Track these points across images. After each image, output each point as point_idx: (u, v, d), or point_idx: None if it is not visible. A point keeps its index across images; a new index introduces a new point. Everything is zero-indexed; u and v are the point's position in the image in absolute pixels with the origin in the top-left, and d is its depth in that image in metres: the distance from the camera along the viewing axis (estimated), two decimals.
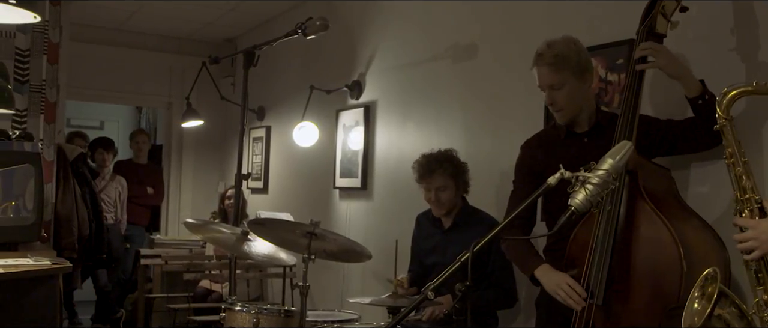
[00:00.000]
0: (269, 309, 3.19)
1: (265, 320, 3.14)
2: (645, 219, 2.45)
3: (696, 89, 2.54)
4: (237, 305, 3.22)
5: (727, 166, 1.96)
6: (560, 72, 2.67)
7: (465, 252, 1.85)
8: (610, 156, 1.83)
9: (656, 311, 2.38)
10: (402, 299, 3.06)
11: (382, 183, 4.80)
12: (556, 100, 2.71)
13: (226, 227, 3.73)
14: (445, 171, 3.48)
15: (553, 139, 2.87)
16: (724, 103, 1.97)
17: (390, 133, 4.75)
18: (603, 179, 1.79)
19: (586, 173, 1.80)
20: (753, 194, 1.89)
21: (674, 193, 2.63)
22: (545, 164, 2.85)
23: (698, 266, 2.33)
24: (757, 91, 1.92)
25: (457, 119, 4.16)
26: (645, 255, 2.44)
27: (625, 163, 1.83)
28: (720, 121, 1.97)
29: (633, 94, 2.59)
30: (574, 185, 1.82)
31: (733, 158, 1.93)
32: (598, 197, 1.79)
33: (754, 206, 1.88)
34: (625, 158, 1.83)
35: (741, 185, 1.91)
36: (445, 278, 3.55)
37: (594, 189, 1.79)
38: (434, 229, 3.61)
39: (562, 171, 1.82)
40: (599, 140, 2.72)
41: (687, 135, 2.62)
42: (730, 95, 1.97)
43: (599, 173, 1.79)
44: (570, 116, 2.75)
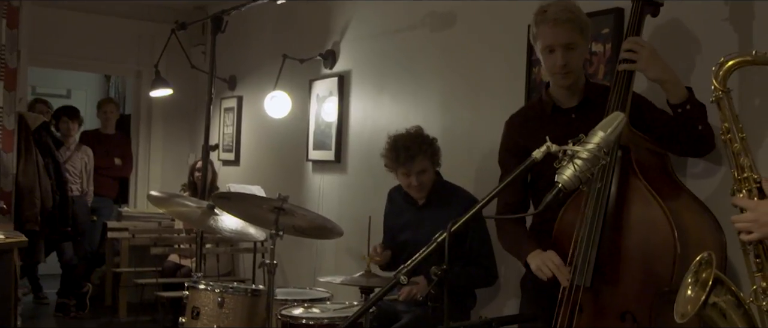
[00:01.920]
0: (235, 288, 3.04)
1: (230, 300, 2.99)
2: (637, 198, 2.32)
3: (680, 96, 2.38)
4: (201, 283, 3.05)
5: (724, 142, 1.82)
6: (575, 30, 2.51)
7: (442, 232, 1.69)
8: (601, 128, 1.69)
9: (647, 295, 2.26)
10: (375, 278, 2.92)
11: (357, 156, 4.65)
12: (569, 61, 2.52)
13: (191, 201, 3.55)
14: (425, 154, 3.31)
15: (538, 115, 2.72)
16: (720, 74, 1.83)
17: (365, 105, 4.59)
18: (593, 154, 1.64)
19: (574, 146, 1.65)
20: (751, 173, 1.76)
21: (668, 170, 2.50)
22: (531, 142, 2.68)
23: (693, 249, 2.22)
24: (757, 62, 1.78)
25: (435, 92, 4.01)
26: (637, 236, 2.32)
27: (618, 136, 1.68)
28: (716, 93, 1.83)
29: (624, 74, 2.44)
30: (562, 159, 1.68)
31: (730, 134, 1.79)
32: (587, 173, 1.65)
33: (752, 185, 1.75)
34: (618, 131, 1.69)
35: (739, 163, 1.78)
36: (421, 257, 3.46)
37: (583, 164, 1.65)
38: (407, 205, 3.46)
39: (548, 144, 1.67)
40: (588, 116, 2.56)
41: (672, 137, 2.47)
42: (727, 66, 1.83)
43: (589, 146, 1.65)
44: (574, 80, 2.59)
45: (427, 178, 3.33)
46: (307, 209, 3.01)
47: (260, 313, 3.02)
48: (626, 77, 2.44)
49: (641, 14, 2.51)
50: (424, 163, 3.29)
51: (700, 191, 2.52)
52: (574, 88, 2.62)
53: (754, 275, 1.70)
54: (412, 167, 3.26)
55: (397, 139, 3.32)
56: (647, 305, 2.26)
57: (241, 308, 3.00)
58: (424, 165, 3.29)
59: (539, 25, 2.53)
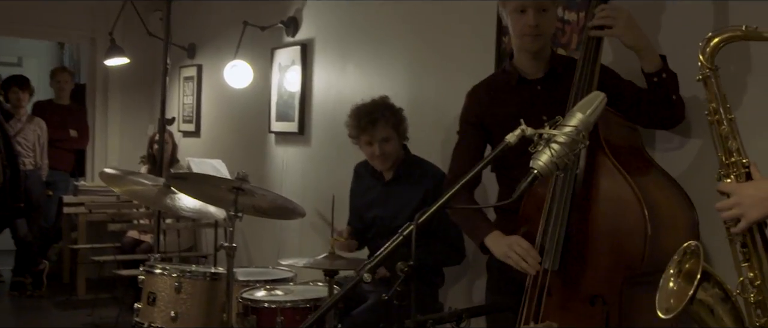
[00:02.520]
0: (193, 272, 2.88)
1: (188, 285, 2.84)
2: (606, 175, 2.22)
3: (655, 64, 2.28)
4: (157, 267, 2.90)
5: (710, 124, 1.70)
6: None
7: (408, 224, 1.55)
8: (579, 109, 1.56)
9: (617, 278, 2.17)
10: (339, 260, 2.78)
11: (321, 128, 4.49)
12: (541, 23, 2.40)
13: (147, 178, 3.37)
14: (388, 121, 3.18)
15: (502, 86, 2.59)
16: (707, 51, 1.70)
17: (329, 75, 4.42)
18: (571, 138, 1.51)
19: (551, 130, 1.52)
20: (740, 157, 1.65)
21: (639, 147, 2.41)
22: (493, 114, 2.59)
23: (664, 229, 2.16)
24: (747, 37, 1.66)
25: (401, 61, 3.85)
26: (605, 215, 2.21)
27: (598, 117, 1.55)
28: (703, 71, 1.71)
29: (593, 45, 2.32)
30: (537, 144, 1.55)
31: (717, 115, 1.67)
32: (565, 159, 1.52)
33: (740, 170, 1.64)
34: (598, 112, 1.56)
35: (726, 147, 1.66)
36: (386, 233, 3.33)
37: (560, 149, 1.52)
38: (374, 181, 3.33)
39: (523, 128, 1.55)
40: (554, 88, 2.47)
41: (642, 109, 2.36)
42: (714, 41, 1.70)
43: (566, 129, 1.52)
44: (544, 43, 2.48)
45: (392, 147, 3.19)
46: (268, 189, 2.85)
47: (220, 297, 2.88)
48: (595, 46, 2.32)
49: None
50: (387, 130, 3.15)
51: (673, 166, 2.43)
52: (540, 58, 2.50)
53: (740, 265, 1.60)
54: (375, 133, 3.13)
55: (360, 107, 3.20)
56: (617, 289, 2.17)
57: (199, 292, 2.86)
58: (388, 132, 3.16)
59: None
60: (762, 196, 1.54)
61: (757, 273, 1.59)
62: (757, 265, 1.59)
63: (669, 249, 2.17)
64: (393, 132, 3.17)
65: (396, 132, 3.19)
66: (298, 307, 2.88)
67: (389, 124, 3.15)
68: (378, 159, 3.19)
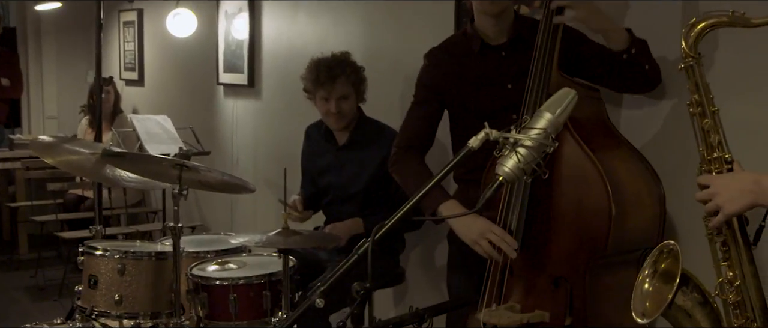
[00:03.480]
0: (137, 253, 2.72)
1: (132, 266, 2.68)
2: (568, 152, 2.11)
3: (623, 41, 2.16)
4: (98, 248, 2.72)
5: (691, 116, 1.58)
6: None
7: (364, 241, 1.42)
8: (547, 108, 1.42)
9: (580, 260, 2.09)
10: (294, 236, 2.63)
11: (272, 81, 4.27)
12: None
13: (83, 146, 3.14)
14: (349, 78, 3.01)
15: (464, 51, 2.44)
16: (691, 37, 1.57)
17: (279, 24, 4.18)
18: (538, 141, 1.38)
19: (517, 133, 1.38)
20: (722, 153, 1.54)
21: (603, 119, 2.29)
22: (454, 83, 2.44)
23: (629, 208, 2.08)
24: (734, 24, 1.52)
25: (356, 10, 3.64)
26: (568, 195, 2.12)
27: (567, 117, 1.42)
28: (686, 60, 1.58)
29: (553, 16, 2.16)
30: (503, 146, 1.41)
31: (700, 107, 1.55)
32: (532, 164, 1.39)
33: (723, 167, 1.53)
34: (568, 112, 1.43)
35: (708, 141, 1.55)
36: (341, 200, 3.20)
37: (528, 154, 1.39)
38: (327, 145, 3.17)
39: (487, 131, 1.41)
40: (519, 54, 2.32)
41: (614, 79, 2.24)
42: (698, 28, 1.57)
43: (534, 132, 1.39)
44: (503, 6, 2.32)
45: (349, 107, 3.03)
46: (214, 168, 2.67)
47: (167, 276, 2.73)
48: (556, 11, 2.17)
49: None
50: (347, 88, 3.00)
51: (640, 132, 2.34)
52: (502, 21, 2.35)
53: (720, 264, 1.51)
54: (333, 89, 2.96)
55: (320, 60, 3.02)
56: (581, 270, 2.09)
57: (144, 273, 2.70)
58: (346, 90, 3.00)
59: None
60: (740, 187, 1.45)
61: (737, 273, 1.51)
62: (737, 264, 1.51)
63: (635, 229, 2.14)
64: (352, 90, 3.02)
65: (355, 91, 3.03)
66: (252, 283, 2.75)
67: (349, 81, 3.00)
68: (333, 117, 3.03)
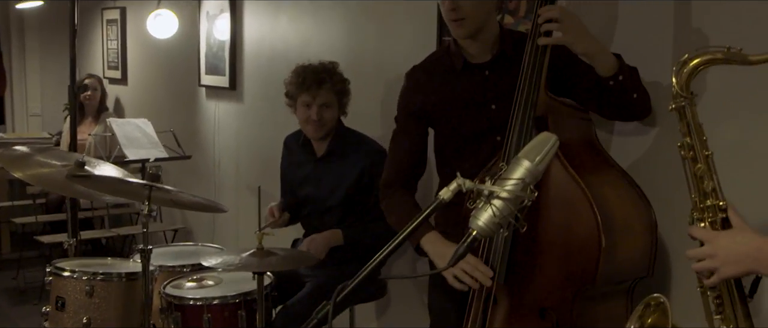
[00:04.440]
0: (106, 274, 2.61)
1: (101, 288, 2.57)
2: (556, 178, 2.00)
3: (612, 67, 2.03)
4: (66, 269, 2.62)
5: (683, 160, 1.47)
6: None
7: (325, 303, 1.32)
8: (526, 156, 1.32)
9: (567, 291, 1.99)
10: (269, 257, 2.54)
11: (254, 84, 4.16)
12: (461, 6, 2.13)
13: (55, 158, 3.03)
14: (334, 86, 2.92)
15: (446, 70, 2.32)
16: (683, 75, 1.45)
17: (261, 27, 4.06)
18: (515, 193, 1.28)
19: (492, 185, 1.28)
20: (716, 200, 1.43)
21: (592, 141, 2.18)
22: (436, 103, 2.33)
23: (620, 238, 1.97)
24: (730, 61, 1.41)
25: (338, 12, 3.53)
26: (555, 222, 2.01)
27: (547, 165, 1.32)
28: (677, 100, 1.46)
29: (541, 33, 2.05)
30: (477, 198, 1.31)
31: (692, 151, 1.44)
32: (509, 218, 1.29)
33: (716, 215, 1.42)
34: (549, 159, 1.32)
35: (701, 188, 1.44)
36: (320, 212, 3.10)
37: (503, 207, 1.29)
38: (306, 155, 3.06)
39: (459, 182, 1.30)
40: (504, 72, 2.21)
41: (601, 106, 2.12)
42: (691, 65, 1.44)
43: (510, 185, 1.28)
44: (472, 30, 2.18)
45: (330, 116, 2.93)
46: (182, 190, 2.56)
47: (139, 297, 2.63)
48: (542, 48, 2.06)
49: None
50: (330, 96, 2.90)
51: (629, 152, 2.25)
52: (483, 39, 2.22)
53: (712, 317, 1.42)
54: (318, 94, 2.87)
55: (306, 65, 2.94)
56: (569, 302, 1.99)
57: (114, 295, 2.60)
58: (330, 99, 2.91)
59: None
60: (740, 251, 1.35)
61: (731, 327, 1.41)
62: (731, 317, 1.41)
63: (626, 259, 2.03)
64: (335, 100, 2.93)
65: (338, 102, 2.94)
66: (227, 303, 2.65)
67: (334, 89, 2.91)
68: (313, 125, 2.93)
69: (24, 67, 6.22)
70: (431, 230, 2.22)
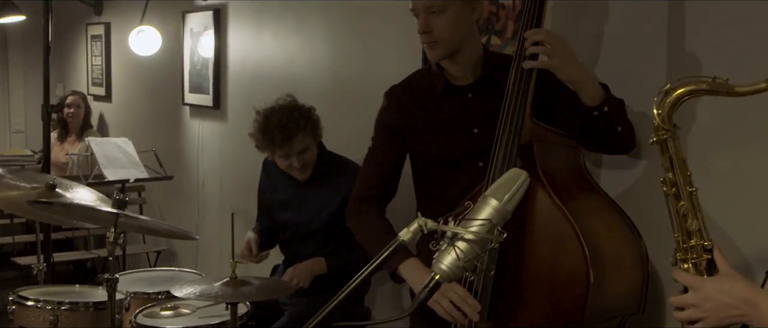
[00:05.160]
0: (72, 304, 2.51)
1: (66, 318, 2.47)
2: (542, 210, 1.91)
3: (597, 97, 1.94)
4: (29, 298, 2.51)
5: (666, 196, 1.38)
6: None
7: None
8: (494, 194, 1.21)
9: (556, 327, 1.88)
10: (243, 287, 2.43)
11: (238, 102, 4.07)
12: (433, 28, 2.04)
13: (25, 180, 2.93)
14: (306, 130, 2.79)
15: (427, 91, 2.23)
16: (665, 107, 1.35)
17: (245, 45, 3.98)
18: (481, 235, 1.18)
19: (455, 226, 1.18)
20: (700, 240, 1.33)
21: (580, 170, 2.09)
22: (416, 126, 2.23)
23: (609, 273, 1.88)
24: (715, 92, 1.31)
25: (322, 32, 3.44)
26: (541, 256, 1.91)
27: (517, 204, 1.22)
28: (658, 133, 1.37)
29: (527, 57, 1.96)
30: (440, 241, 1.21)
31: (675, 188, 1.34)
32: (474, 262, 1.19)
33: (701, 257, 1.32)
34: (519, 198, 1.22)
35: (685, 227, 1.34)
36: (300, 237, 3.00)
37: (469, 250, 1.19)
38: (287, 180, 2.96)
39: (420, 221, 1.20)
40: (487, 96, 2.12)
41: (585, 137, 2.03)
42: (674, 95, 1.35)
43: (475, 226, 1.18)
44: (445, 53, 2.10)
45: (311, 155, 2.84)
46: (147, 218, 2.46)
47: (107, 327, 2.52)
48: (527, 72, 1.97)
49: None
50: (306, 140, 2.79)
51: (619, 181, 2.16)
52: (464, 61, 2.13)
53: None
54: (292, 147, 2.75)
55: (269, 118, 2.77)
56: None
57: (80, 326, 2.49)
58: (306, 142, 2.80)
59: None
60: (727, 302, 1.24)
61: None
62: None
63: (615, 295, 1.93)
64: (311, 139, 2.81)
65: (313, 138, 2.83)
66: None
67: (307, 132, 2.78)
68: (297, 171, 2.85)
69: (7, 82, 6.13)
70: (409, 256, 2.11)
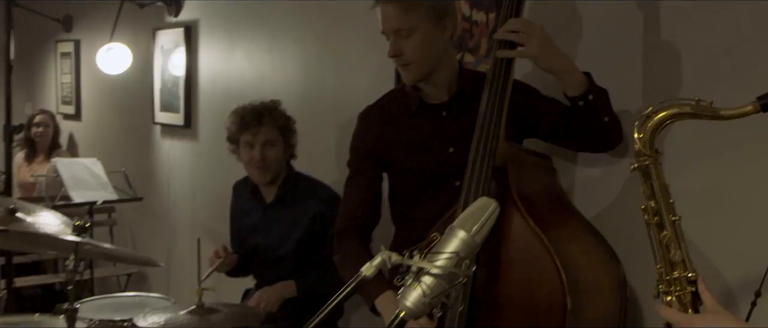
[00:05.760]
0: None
1: None
2: (517, 233, 1.85)
3: (580, 86, 1.91)
4: None
5: (647, 225, 1.31)
6: (411, 12, 1.98)
7: None
8: (462, 225, 1.15)
9: None
10: (209, 316, 2.34)
11: (209, 121, 3.98)
12: (403, 51, 2.00)
13: None
14: (276, 122, 2.75)
15: (401, 111, 2.18)
16: (647, 131, 1.29)
17: (216, 63, 3.90)
18: (448, 270, 1.10)
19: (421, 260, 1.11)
20: (684, 271, 1.26)
21: (556, 192, 2.04)
22: (389, 145, 2.18)
23: (587, 300, 1.83)
24: (698, 115, 1.25)
25: (294, 51, 3.38)
26: (517, 282, 1.85)
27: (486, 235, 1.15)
28: (639, 158, 1.30)
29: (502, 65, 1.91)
30: (405, 275, 1.13)
31: (657, 216, 1.28)
32: (441, 297, 1.11)
33: (685, 289, 1.26)
34: (488, 228, 1.15)
35: (668, 258, 1.27)
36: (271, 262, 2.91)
37: (435, 285, 1.12)
38: (254, 202, 2.88)
39: (384, 256, 1.12)
40: (462, 114, 2.07)
41: (570, 134, 2.00)
42: (656, 119, 1.28)
43: (442, 259, 1.11)
44: (420, 75, 2.06)
45: (274, 155, 2.75)
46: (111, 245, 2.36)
47: None
48: (505, 68, 1.92)
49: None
50: (273, 134, 2.73)
51: (594, 201, 2.11)
52: (438, 81, 2.09)
53: None
54: (259, 132, 2.70)
55: (246, 105, 2.78)
56: None
57: None
58: (273, 136, 2.73)
59: (374, 5, 2.03)
60: None
61: None
62: None
63: (594, 320, 1.86)
64: (279, 137, 2.75)
65: (282, 138, 2.76)
66: None
67: (277, 125, 2.73)
68: (257, 167, 2.76)
69: None
70: (386, 289, 2.03)
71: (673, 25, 1.94)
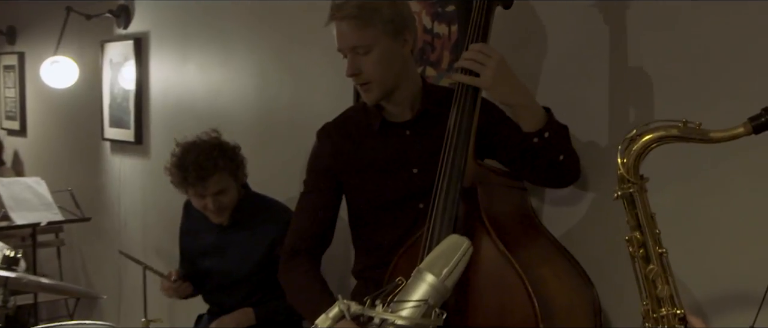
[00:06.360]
0: None
1: None
2: (487, 258, 1.74)
3: (537, 122, 1.79)
4: None
5: (632, 257, 1.19)
6: (367, 28, 1.85)
7: None
8: (430, 268, 1.02)
9: None
10: None
11: (160, 137, 3.80)
12: (362, 70, 1.88)
13: None
14: (224, 171, 2.54)
15: (362, 129, 2.05)
16: (631, 156, 1.17)
17: (167, 76, 3.73)
18: (414, 321, 0.97)
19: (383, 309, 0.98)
20: (672, 308, 1.15)
21: (527, 214, 1.94)
22: (349, 165, 2.05)
23: (560, 320, 1.72)
24: (686, 138, 1.14)
25: (249, 64, 3.24)
26: (488, 309, 1.75)
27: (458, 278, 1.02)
28: (623, 186, 1.18)
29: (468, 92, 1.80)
30: (366, 324, 1.00)
31: (643, 249, 1.16)
32: None
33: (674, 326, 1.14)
34: (460, 270, 1.03)
35: (654, 294, 1.16)
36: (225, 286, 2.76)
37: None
38: (207, 223, 2.71)
39: (342, 306, 0.99)
40: (427, 133, 1.95)
41: (525, 167, 1.88)
42: (641, 143, 1.16)
43: (407, 309, 0.98)
44: (381, 94, 1.93)
45: (229, 198, 2.59)
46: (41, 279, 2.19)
47: None
48: (471, 92, 1.80)
49: (489, 9, 1.85)
50: (224, 181, 2.54)
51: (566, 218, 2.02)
52: (401, 98, 1.96)
53: None
54: (207, 187, 2.51)
55: (186, 152, 2.52)
56: None
57: None
58: (224, 184, 2.55)
59: (329, 21, 1.91)
60: None
61: None
62: None
63: None
64: (230, 181, 2.57)
65: (233, 179, 2.58)
66: None
67: (225, 173, 2.53)
68: (212, 213, 2.60)
69: None
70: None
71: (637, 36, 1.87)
